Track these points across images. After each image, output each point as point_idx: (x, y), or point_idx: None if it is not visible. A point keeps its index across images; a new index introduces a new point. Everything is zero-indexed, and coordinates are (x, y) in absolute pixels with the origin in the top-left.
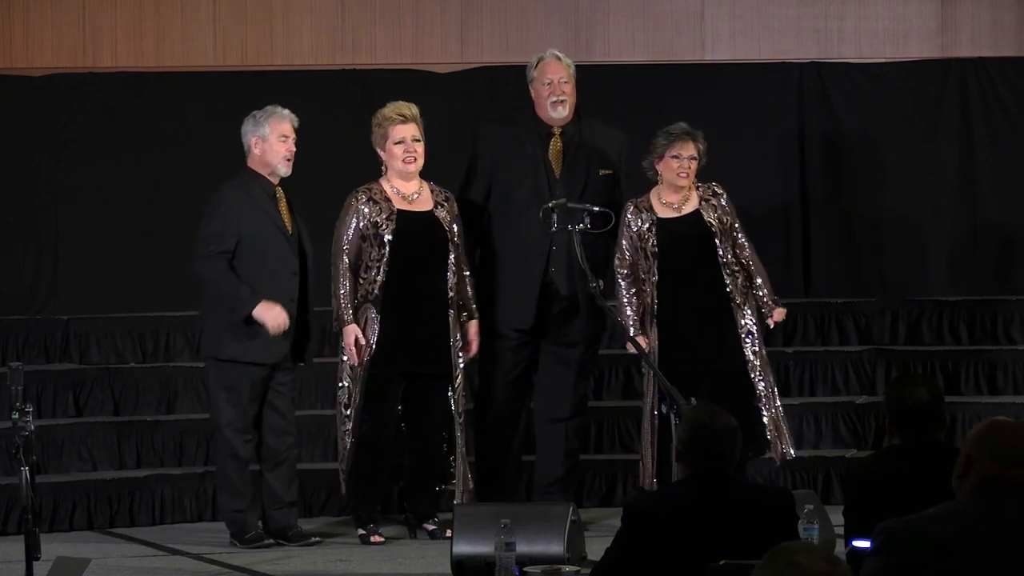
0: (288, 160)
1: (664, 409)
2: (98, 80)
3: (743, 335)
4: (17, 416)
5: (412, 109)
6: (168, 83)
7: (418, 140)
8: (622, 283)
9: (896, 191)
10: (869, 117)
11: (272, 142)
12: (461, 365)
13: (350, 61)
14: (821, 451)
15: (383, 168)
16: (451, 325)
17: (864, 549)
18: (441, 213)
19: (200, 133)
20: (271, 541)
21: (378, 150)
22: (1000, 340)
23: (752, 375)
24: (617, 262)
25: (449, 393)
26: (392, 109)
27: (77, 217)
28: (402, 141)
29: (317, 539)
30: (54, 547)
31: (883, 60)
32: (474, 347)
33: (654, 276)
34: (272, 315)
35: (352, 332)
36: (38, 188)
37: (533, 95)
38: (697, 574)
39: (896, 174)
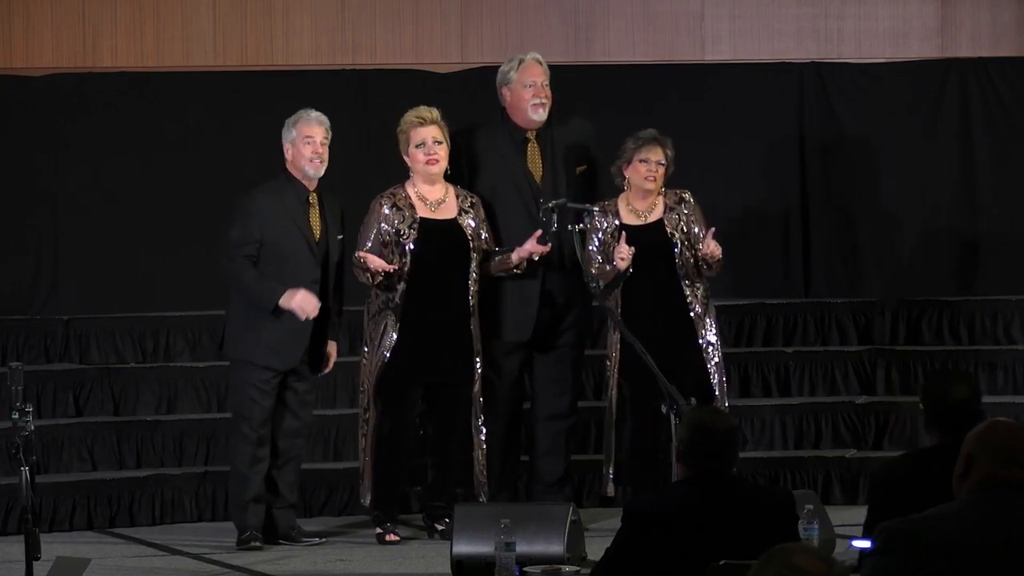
0: (314, 161)
1: (664, 409)
2: (98, 80)
3: (703, 346)
4: (17, 416)
5: (433, 112)
6: (168, 83)
7: (439, 142)
8: (592, 285)
9: (896, 191)
10: (869, 117)
11: (299, 145)
12: (479, 371)
13: (350, 61)
14: (821, 451)
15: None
16: (472, 333)
17: (865, 549)
18: (465, 220)
19: (200, 133)
20: (258, 545)
21: (404, 156)
22: (1000, 340)
23: (712, 384)
24: (592, 267)
25: (470, 397)
26: (412, 113)
27: (77, 217)
28: (422, 143)
29: (321, 539)
30: (54, 547)
31: (883, 60)
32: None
33: None
34: (298, 300)
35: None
36: (38, 188)
37: (509, 97)
38: (697, 574)
39: (896, 174)
